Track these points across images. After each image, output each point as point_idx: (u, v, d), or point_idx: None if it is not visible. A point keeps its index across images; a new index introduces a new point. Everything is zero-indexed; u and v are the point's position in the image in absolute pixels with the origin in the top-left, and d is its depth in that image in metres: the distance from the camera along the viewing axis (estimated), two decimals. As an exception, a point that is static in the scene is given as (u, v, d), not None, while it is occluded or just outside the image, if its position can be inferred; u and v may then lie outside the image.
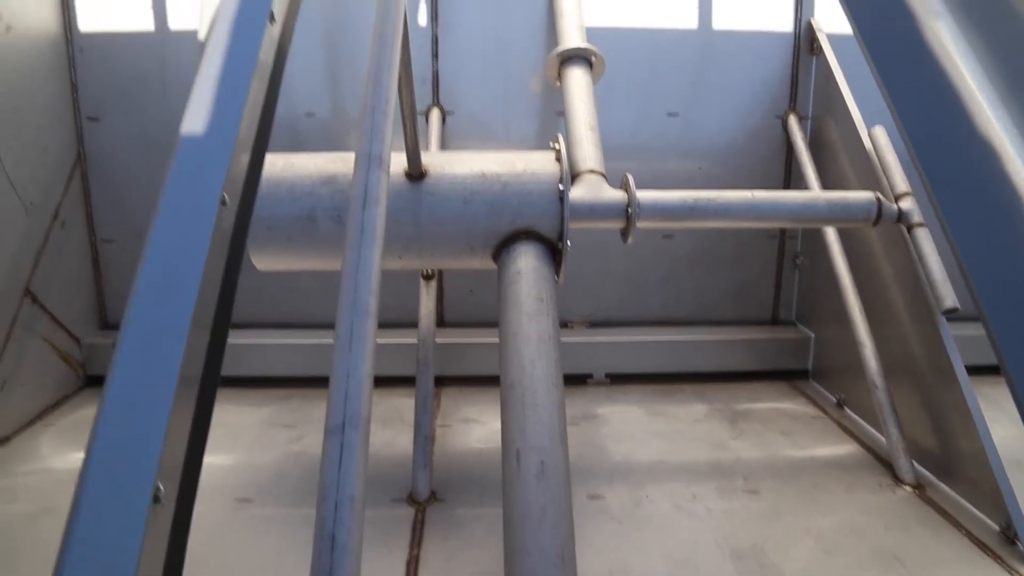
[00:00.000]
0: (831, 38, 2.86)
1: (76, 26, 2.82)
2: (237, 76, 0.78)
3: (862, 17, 0.77)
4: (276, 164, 1.83)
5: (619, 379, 2.97)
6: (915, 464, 2.22)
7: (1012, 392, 0.72)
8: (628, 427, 2.57)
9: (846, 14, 0.81)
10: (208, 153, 0.74)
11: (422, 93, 2.88)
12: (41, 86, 2.69)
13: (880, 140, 2.39)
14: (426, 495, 2.06)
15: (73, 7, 2.81)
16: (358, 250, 0.91)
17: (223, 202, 0.73)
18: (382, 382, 2.64)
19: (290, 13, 0.93)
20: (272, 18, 0.85)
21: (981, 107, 0.73)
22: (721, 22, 2.96)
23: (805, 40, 2.96)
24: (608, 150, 2.18)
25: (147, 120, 2.87)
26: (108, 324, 3.03)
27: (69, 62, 2.83)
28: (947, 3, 0.78)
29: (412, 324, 2.46)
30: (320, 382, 2.80)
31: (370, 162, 0.98)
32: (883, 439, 2.33)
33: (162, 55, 2.85)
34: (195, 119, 0.76)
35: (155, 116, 2.87)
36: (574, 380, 2.93)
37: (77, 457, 2.31)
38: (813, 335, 3.02)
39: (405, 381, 2.48)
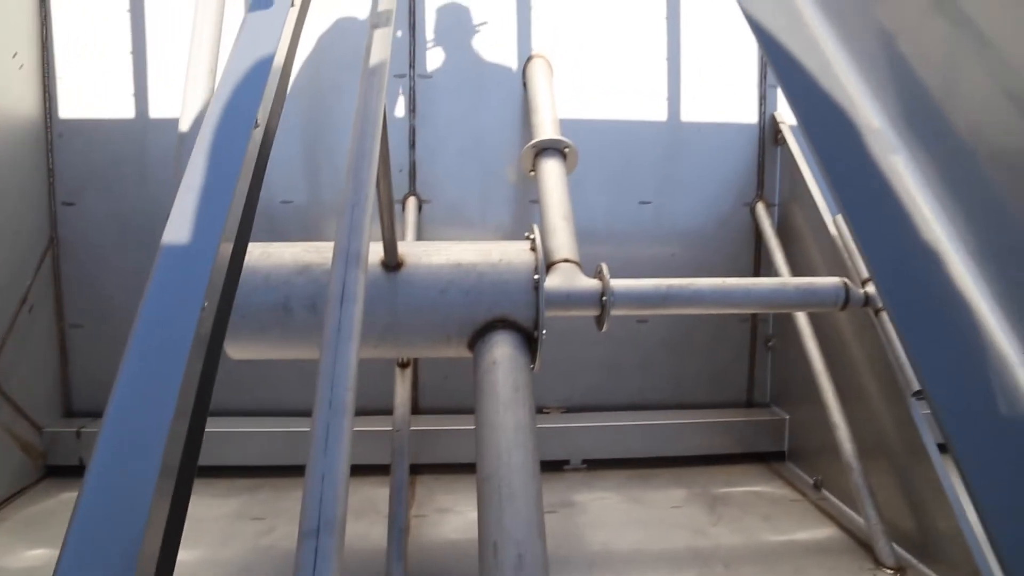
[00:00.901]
0: (794, 130, 2.99)
1: (56, 112, 2.86)
2: (221, 184, 0.80)
3: (828, 157, 0.82)
4: (252, 253, 1.84)
5: (596, 464, 2.93)
6: (895, 546, 2.20)
7: (959, 471, 0.74)
8: (606, 514, 2.53)
9: (813, 154, 0.86)
10: (191, 260, 0.75)
11: (399, 181, 2.94)
12: (17, 170, 2.70)
13: (845, 227, 2.46)
14: (400, 590, 1.99)
15: (55, 94, 2.85)
16: (335, 348, 0.91)
17: (203, 307, 0.74)
18: (355, 470, 2.57)
19: (273, 116, 0.96)
20: (256, 123, 0.88)
21: (939, 239, 0.78)
22: (689, 114, 3.08)
23: (770, 131, 3.08)
24: (582, 237, 2.23)
25: (124, 205, 2.88)
26: (72, 412, 2.95)
27: (47, 147, 2.85)
28: (903, 140, 0.84)
29: (386, 411, 2.43)
30: (291, 471, 2.73)
31: (348, 259, 0.99)
32: (862, 521, 2.32)
33: (142, 142, 2.89)
34: (179, 225, 0.77)
35: (132, 202, 2.88)
36: (550, 466, 2.89)
37: (32, 555, 2.21)
38: (788, 416, 3.03)
39: (379, 469, 2.43)
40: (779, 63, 0.92)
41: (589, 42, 3.06)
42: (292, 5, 1.06)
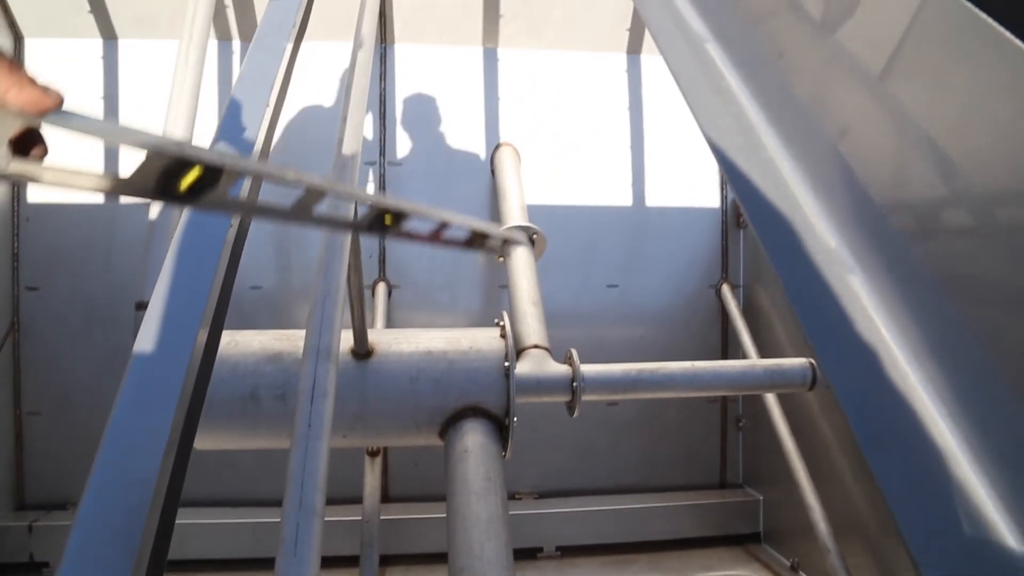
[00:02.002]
0: None
1: (24, 197, 2.85)
2: (196, 287, 0.80)
3: (784, 269, 0.86)
4: (220, 342, 1.82)
5: (570, 551, 2.86)
6: (875, 632, 2.16)
7: (909, 555, 0.76)
8: (582, 605, 2.46)
9: (774, 266, 0.91)
10: (167, 356, 0.75)
11: (368, 267, 2.95)
12: (-21, 256, 2.68)
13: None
14: None
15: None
16: (304, 446, 0.90)
17: (178, 400, 0.74)
18: (322, 563, 2.49)
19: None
20: (231, 224, 0.89)
21: (890, 349, 0.82)
22: (654, 199, 3.16)
23: (732, 214, 3.18)
24: (551, 320, 2.25)
25: (88, 291, 2.85)
26: (24, 504, 2.82)
27: (13, 232, 2.83)
28: (857, 259, 0.88)
29: (354, 499, 2.36)
30: (257, 565, 2.62)
31: (319, 354, 0.99)
32: (841, 606, 2.28)
33: (110, 229, 2.88)
34: (154, 323, 0.77)
35: (97, 287, 2.84)
36: (524, 554, 2.81)
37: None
38: (761, 497, 3.01)
39: (347, 561, 2.35)
40: (736, 178, 0.96)
41: (556, 130, 3.16)
42: (267, 105, 1.09)
